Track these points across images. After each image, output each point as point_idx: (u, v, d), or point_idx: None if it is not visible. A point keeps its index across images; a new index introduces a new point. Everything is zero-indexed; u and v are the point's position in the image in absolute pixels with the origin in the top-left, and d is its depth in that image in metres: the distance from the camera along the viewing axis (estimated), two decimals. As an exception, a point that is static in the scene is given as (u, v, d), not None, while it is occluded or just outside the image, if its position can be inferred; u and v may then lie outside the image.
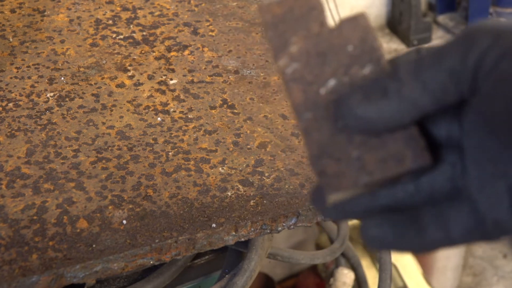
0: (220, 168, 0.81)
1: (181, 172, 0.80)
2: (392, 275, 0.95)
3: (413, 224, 0.44)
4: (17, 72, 0.95)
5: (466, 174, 0.43)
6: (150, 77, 0.95)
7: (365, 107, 0.43)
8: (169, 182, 0.79)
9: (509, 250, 2.06)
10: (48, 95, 0.91)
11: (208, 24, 1.06)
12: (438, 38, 1.82)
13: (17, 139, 0.84)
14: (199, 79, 0.95)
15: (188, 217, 0.75)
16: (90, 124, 0.87)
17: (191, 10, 1.09)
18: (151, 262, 0.72)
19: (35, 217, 0.74)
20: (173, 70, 0.96)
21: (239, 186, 0.79)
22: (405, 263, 1.60)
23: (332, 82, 0.44)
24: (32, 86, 0.92)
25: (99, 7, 1.08)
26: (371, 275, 1.40)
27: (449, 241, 0.44)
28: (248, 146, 0.84)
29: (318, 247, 1.48)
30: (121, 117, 0.88)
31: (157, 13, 1.07)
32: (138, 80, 0.94)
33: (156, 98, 0.91)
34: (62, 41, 1.01)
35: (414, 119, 0.43)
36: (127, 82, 0.94)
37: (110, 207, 0.76)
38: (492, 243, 0.54)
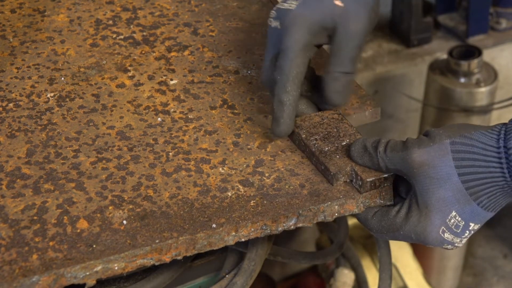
0: (220, 169, 0.81)
1: (181, 173, 0.80)
2: (392, 275, 0.95)
3: None
4: (17, 72, 0.95)
5: None
6: (150, 78, 0.95)
7: None
8: (169, 182, 0.79)
9: (509, 250, 2.06)
10: (48, 95, 0.91)
11: (208, 24, 1.06)
12: (438, 38, 1.81)
13: (17, 139, 0.84)
14: (199, 80, 0.95)
15: (188, 218, 0.75)
16: (90, 124, 0.87)
17: (191, 11, 1.09)
18: (151, 263, 0.72)
19: (35, 217, 0.74)
20: (173, 71, 0.96)
21: (239, 186, 0.79)
22: (405, 263, 1.60)
23: None
24: (32, 86, 0.92)
25: (99, 7, 1.08)
26: (371, 275, 1.40)
27: None
28: (248, 146, 0.84)
29: (318, 247, 1.48)
30: (121, 117, 0.88)
31: (157, 13, 1.07)
32: (138, 80, 0.94)
33: (156, 98, 0.91)
34: (62, 41, 1.01)
35: None
36: (127, 82, 0.94)
37: (110, 208, 0.76)
38: None
